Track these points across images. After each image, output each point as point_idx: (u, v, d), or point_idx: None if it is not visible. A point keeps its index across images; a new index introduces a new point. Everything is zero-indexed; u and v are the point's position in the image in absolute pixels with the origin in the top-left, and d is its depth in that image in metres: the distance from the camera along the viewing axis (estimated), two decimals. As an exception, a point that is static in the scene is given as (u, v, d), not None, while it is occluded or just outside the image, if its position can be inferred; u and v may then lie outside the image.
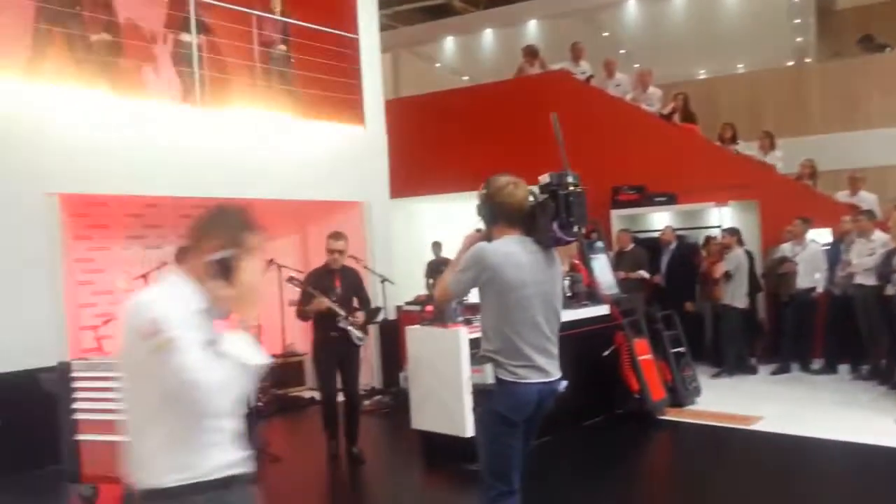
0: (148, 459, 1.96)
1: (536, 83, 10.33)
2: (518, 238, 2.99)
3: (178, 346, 1.87)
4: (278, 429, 6.84)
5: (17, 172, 5.62)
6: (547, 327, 2.99)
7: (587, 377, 6.31)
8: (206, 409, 1.94)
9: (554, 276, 3.04)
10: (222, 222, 2.10)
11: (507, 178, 3.06)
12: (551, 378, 3.02)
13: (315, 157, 7.71)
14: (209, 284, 2.02)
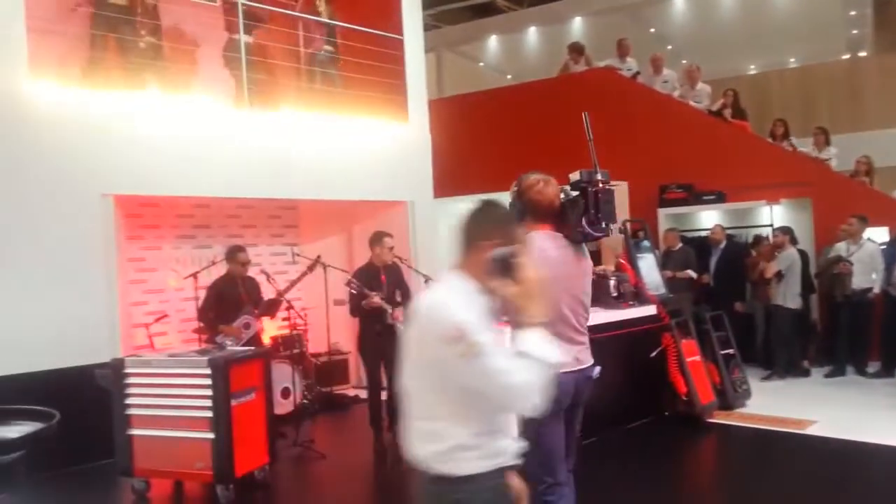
0: (452, 452, 2.01)
1: (581, 81, 10.24)
2: (548, 234, 3.05)
3: (485, 351, 1.87)
4: (323, 426, 6.92)
5: (75, 174, 5.81)
6: (575, 319, 3.07)
7: (633, 378, 6.25)
8: (516, 409, 1.99)
9: (582, 270, 3.11)
10: (494, 219, 2.10)
11: (537, 176, 3.12)
12: (584, 366, 3.12)
13: (360, 157, 7.77)
14: (492, 284, 2.00)
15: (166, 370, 4.82)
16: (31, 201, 5.59)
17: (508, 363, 1.89)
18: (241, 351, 5.24)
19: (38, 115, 5.66)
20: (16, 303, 5.46)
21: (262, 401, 5.05)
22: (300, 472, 5.61)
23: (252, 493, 4.96)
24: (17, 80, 5.57)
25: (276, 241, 8.46)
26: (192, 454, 4.70)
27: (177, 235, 7.61)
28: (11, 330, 5.40)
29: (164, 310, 7.14)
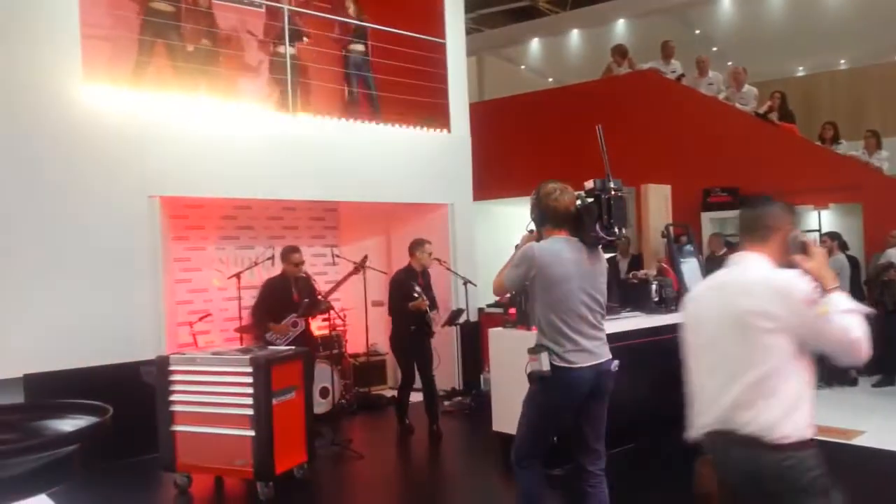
0: (781, 415, 2.28)
1: (625, 83, 10.13)
2: (564, 238, 3.33)
3: (832, 311, 2.22)
4: (361, 426, 6.97)
5: (124, 176, 5.97)
6: (591, 317, 3.33)
7: (675, 384, 6.13)
8: (857, 360, 2.27)
9: (597, 271, 3.35)
10: (783, 210, 2.50)
11: (554, 185, 3.40)
12: (601, 360, 3.35)
13: (401, 159, 7.82)
14: (791, 259, 2.38)
15: (210, 368, 4.91)
16: (83, 202, 5.76)
17: (850, 320, 2.21)
18: (283, 350, 5.31)
19: (90, 119, 5.83)
20: (67, 300, 5.63)
21: (302, 400, 5.11)
22: (338, 471, 5.66)
23: (291, 491, 5.01)
24: (71, 85, 5.75)
25: (317, 242, 8.56)
26: (233, 451, 4.78)
27: (220, 236, 7.75)
28: (62, 327, 5.56)
29: (208, 309, 7.28)
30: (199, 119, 6.42)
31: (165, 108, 6.25)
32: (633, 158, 9.43)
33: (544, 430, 3.40)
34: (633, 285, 6.53)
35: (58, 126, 5.69)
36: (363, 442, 6.20)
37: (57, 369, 5.45)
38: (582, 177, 10.40)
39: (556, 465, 5.14)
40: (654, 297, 6.32)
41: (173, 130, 6.24)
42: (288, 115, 6.99)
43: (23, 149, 5.55)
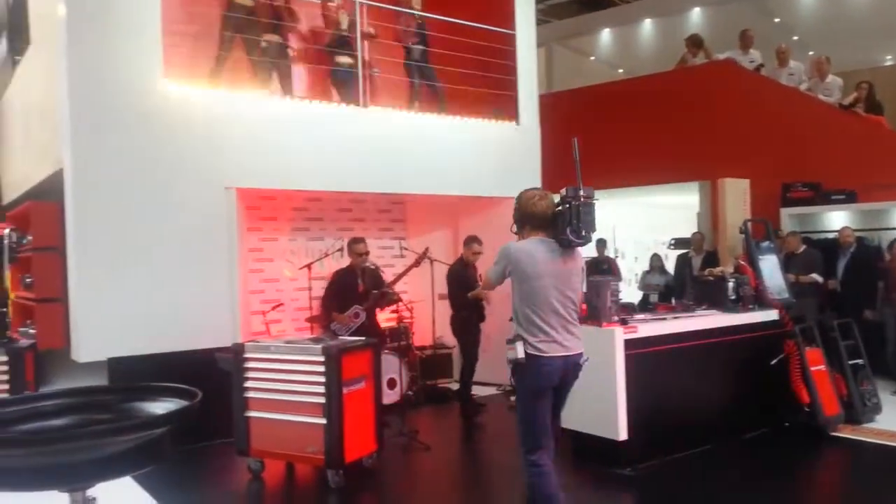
0: None
1: (700, 74, 9.82)
2: (540, 239, 3.64)
3: None
4: (427, 418, 6.99)
5: (202, 168, 6.14)
6: (564, 311, 3.58)
7: (751, 385, 5.95)
8: None
9: (571, 270, 3.62)
10: None
11: (534, 192, 3.78)
12: (571, 352, 3.59)
13: (469, 153, 7.79)
14: None
15: (283, 356, 5.01)
16: (163, 194, 5.95)
17: None
18: (353, 340, 5.37)
19: (171, 113, 6.02)
20: (149, 288, 5.83)
21: (372, 390, 5.16)
22: (406, 461, 5.69)
23: (360, 480, 5.07)
24: (153, 79, 5.94)
25: (385, 234, 8.62)
26: (304, 438, 4.86)
27: (292, 227, 7.89)
28: (144, 313, 5.77)
29: (280, 298, 7.43)
30: (273, 113, 6.54)
31: (242, 102, 6.39)
32: (710, 152, 9.15)
33: (533, 414, 3.63)
34: (708, 282, 6.34)
35: (141, 120, 5.89)
36: (429, 434, 6.21)
37: (138, 354, 5.66)
38: (654, 170, 10.28)
39: (627, 464, 5.06)
40: (730, 294, 6.11)
41: (249, 124, 6.38)
42: (358, 108, 7.04)
43: (109, 142, 5.77)
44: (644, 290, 9.73)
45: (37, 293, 6.40)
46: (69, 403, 2.16)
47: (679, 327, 5.56)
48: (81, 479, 1.86)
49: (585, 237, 3.50)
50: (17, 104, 9.10)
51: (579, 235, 3.49)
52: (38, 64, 7.62)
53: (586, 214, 3.50)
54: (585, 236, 3.50)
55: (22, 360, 5.29)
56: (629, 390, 5.08)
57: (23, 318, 7.15)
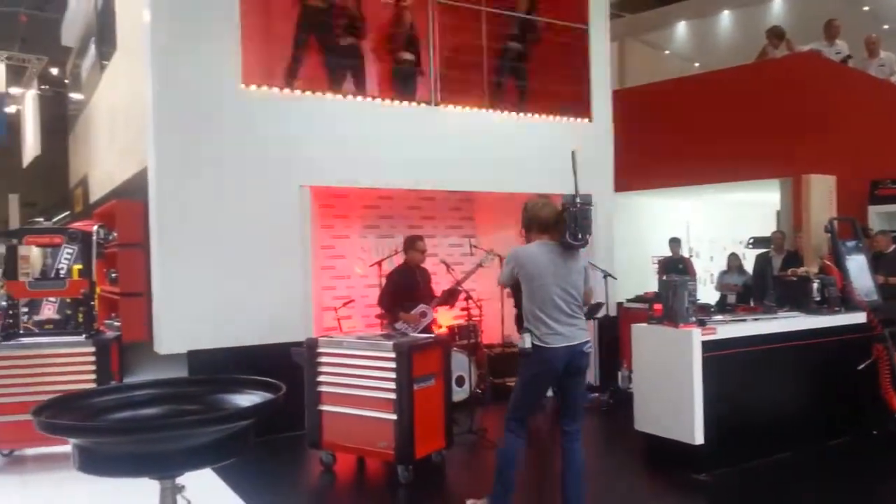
0: None
1: (782, 67, 9.42)
2: (544, 242, 4.02)
3: None
4: (496, 417, 6.94)
5: (277, 167, 6.28)
6: (565, 306, 3.93)
7: (836, 390, 5.69)
8: None
9: (572, 269, 3.97)
10: None
11: (539, 200, 4.20)
12: (575, 342, 3.94)
13: (541, 150, 7.70)
14: None
15: (355, 352, 5.07)
16: (241, 192, 6.12)
17: None
18: (423, 338, 5.39)
19: (248, 113, 6.19)
20: (226, 284, 6.01)
21: (442, 387, 5.17)
22: (474, 459, 5.68)
23: (429, 476, 5.09)
24: (232, 81, 6.12)
25: (454, 232, 8.63)
26: (375, 433, 4.92)
27: (363, 225, 8.00)
28: (221, 309, 5.96)
29: (350, 295, 7.54)
30: (345, 112, 6.63)
31: (316, 103, 6.51)
32: (792, 148, 8.78)
33: (529, 396, 4.12)
34: (791, 283, 6.09)
35: (220, 120, 6.07)
36: (497, 432, 6.15)
37: (216, 347, 5.84)
38: (731, 167, 9.92)
39: (702, 469, 4.91)
40: (815, 296, 5.86)
41: (322, 123, 6.49)
42: (430, 106, 7.07)
43: (190, 142, 5.97)
44: (721, 290, 9.44)
45: (121, 287, 6.70)
46: (159, 394, 2.25)
47: (760, 329, 5.36)
48: (172, 468, 1.93)
49: (582, 240, 3.87)
50: (103, 107, 9.54)
51: (576, 238, 3.85)
52: (124, 68, 7.96)
53: (583, 219, 3.86)
54: (582, 239, 3.87)
55: (108, 352, 5.51)
56: (706, 393, 4.93)
57: (108, 312, 7.50)
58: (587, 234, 3.87)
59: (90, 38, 10.82)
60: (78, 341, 5.53)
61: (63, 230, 6.75)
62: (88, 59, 11.13)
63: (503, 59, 7.89)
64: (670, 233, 9.95)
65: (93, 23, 10.49)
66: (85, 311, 5.80)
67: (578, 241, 3.86)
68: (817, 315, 5.77)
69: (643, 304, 7.84)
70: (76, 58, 13.07)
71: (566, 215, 3.85)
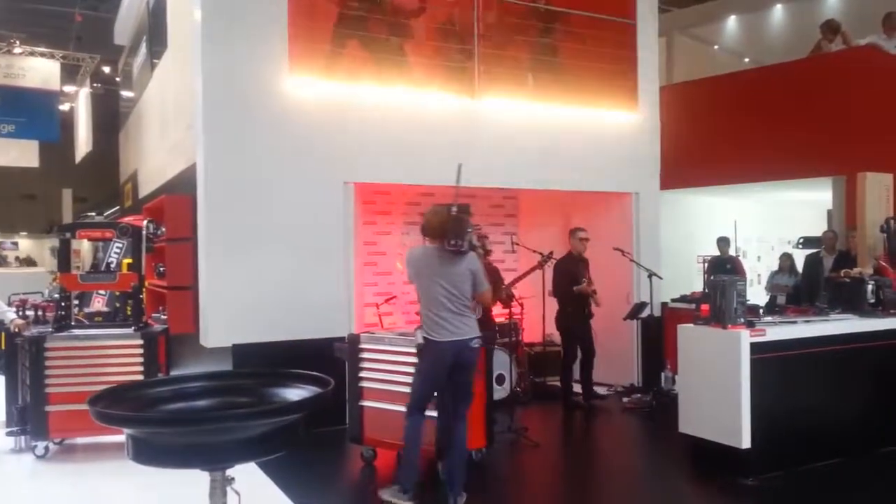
0: None
1: (836, 62, 9.13)
2: (432, 246, 4.41)
3: None
4: (536, 415, 6.92)
5: (322, 162, 6.34)
6: (450, 304, 4.31)
7: (890, 396, 5.51)
8: None
9: (454, 271, 4.31)
10: None
11: (433, 208, 4.54)
12: (461, 337, 4.31)
13: (586, 146, 7.63)
14: None
15: (396, 348, 5.08)
16: (287, 189, 6.19)
17: None
18: (465, 335, 5.36)
19: (295, 110, 6.25)
20: (270, 279, 6.09)
21: (483, 385, 5.15)
22: (515, 458, 5.65)
23: (469, 474, 5.07)
24: (279, 78, 6.19)
25: (496, 230, 8.59)
26: (416, 430, 4.90)
27: (405, 222, 8.01)
28: (266, 303, 6.04)
29: (391, 291, 7.56)
30: (391, 108, 6.65)
31: (360, 98, 6.54)
32: (846, 145, 8.50)
33: (426, 387, 4.44)
34: (844, 285, 5.91)
35: (267, 117, 6.16)
36: (537, 431, 6.14)
37: (260, 341, 5.92)
38: (782, 165, 9.65)
39: (749, 474, 4.80)
40: (869, 298, 5.67)
41: (368, 119, 6.52)
42: (473, 99, 7.03)
43: (238, 139, 6.07)
44: (771, 291, 9.21)
45: (169, 281, 6.83)
46: (210, 386, 2.29)
47: (811, 332, 5.21)
48: (223, 460, 1.96)
49: (455, 246, 4.19)
50: (154, 104, 9.76)
51: (450, 244, 4.21)
52: (174, 66, 8.12)
53: (457, 227, 4.20)
54: (456, 244, 4.19)
55: (156, 344, 5.63)
56: (754, 396, 4.82)
57: (156, 305, 7.66)
58: (461, 240, 4.19)
59: (142, 36, 11.08)
60: (127, 333, 5.66)
61: (114, 225, 6.91)
62: (140, 58, 11.40)
63: (542, 55, 7.78)
64: (717, 232, 9.73)
65: (144, 22, 10.74)
66: (134, 304, 5.94)
67: (451, 247, 4.21)
68: (871, 318, 5.59)
69: (689, 304, 7.70)
70: (128, 56, 13.40)
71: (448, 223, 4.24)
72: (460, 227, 4.21)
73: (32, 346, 5.41)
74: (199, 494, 2.44)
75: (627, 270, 7.67)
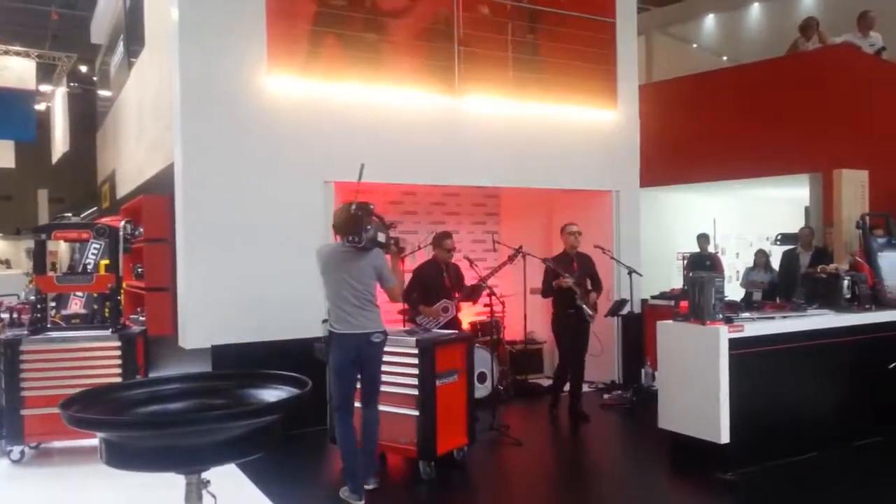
0: None
1: (813, 60, 9.24)
2: (339, 242, 4.53)
3: None
4: (518, 414, 6.94)
5: (303, 161, 6.30)
6: (353, 298, 4.46)
7: (866, 391, 5.58)
8: None
9: (357, 266, 4.48)
10: None
11: (341, 206, 4.56)
12: (362, 330, 4.47)
13: (566, 145, 7.66)
14: None
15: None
16: (267, 188, 6.15)
17: None
18: (446, 334, 5.38)
19: (274, 110, 6.22)
20: (250, 279, 6.05)
21: (464, 383, 5.16)
22: (496, 456, 5.66)
23: (451, 472, 5.08)
24: (258, 78, 6.15)
25: (478, 228, 8.61)
26: (397, 429, 4.92)
27: (386, 221, 7.96)
28: (245, 304, 5.99)
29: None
30: (371, 107, 6.63)
31: (341, 96, 6.51)
32: (823, 143, 8.62)
33: (341, 383, 4.52)
34: (821, 280, 5.98)
35: (246, 117, 6.12)
36: (520, 429, 6.16)
37: (240, 342, 5.88)
38: (760, 162, 9.74)
39: (728, 468, 4.85)
40: (845, 293, 5.75)
41: (348, 118, 6.49)
42: (454, 98, 7.03)
43: (217, 138, 6.02)
44: (746, 287, 9.30)
45: (147, 282, 6.77)
46: (186, 388, 2.26)
47: (789, 327, 5.27)
48: (199, 462, 1.94)
49: (354, 241, 4.34)
50: (131, 104, 9.65)
51: (349, 241, 4.36)
52: (152, 65, 8.03)
53: (350, 225, 4.34)
54: (353, 241, 4.34)
55: (133, 346, 5.57)
56: (733, 392, 4.86)
57: (134, 306, 7.58)
58: (357, 237, 4.32)
59: (119, 35, 10.95)
60: (104, 335, 5.60)
61: (91, 225, 6.83)
62: (117, 57, 11.27)
63: (523, 53, 7.82)
64: (696, 229, 9.82)
65: (121, 20, 10.62)
66: (111, 306, 5.87)
67: (350, 244, 4.37)
68: (847, 313, 5.67)
69: (668, 300, 7.76)
70: (105, 55, 13.24)
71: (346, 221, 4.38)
72: (357, 225, 4.33)
73: (7, 350, 5.34)
74: (175, 497, 2.42)
75: (608, 268, 7.70)
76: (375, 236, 4.41)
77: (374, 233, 4.40)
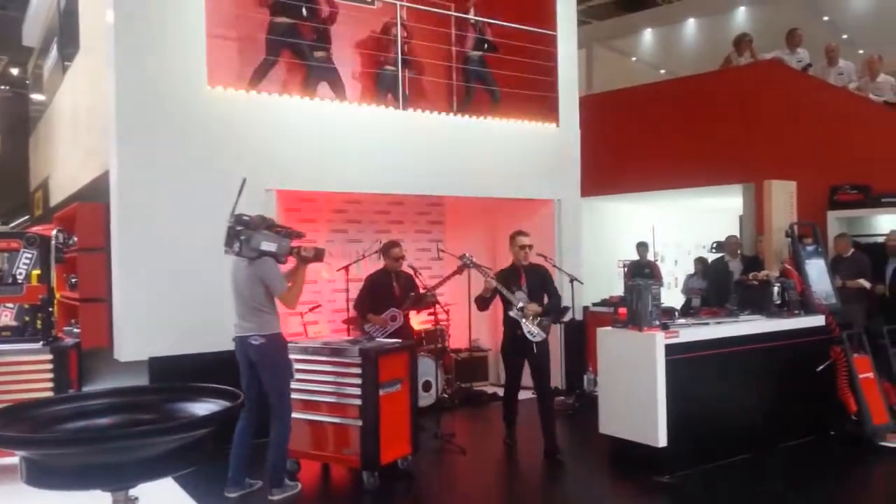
0: None
1: (745, 74, 9.60)
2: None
3: None
4: (462, 421, 6.96)
5: (242, 170, 6.16)
6: (240, 305, 4.75)
7: (796, 393, 5.80)
8: None
9: (247, 275, 4.68)
10: None
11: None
12: (244, 334, 4.72)
13: (508, 155, 7.75)
14: None
15: (320, 357, 5.03)
16: (205, 196, 6.00)
17: None
18: (390, 343, 5.37)
19: (213, 117, 6.11)
20: (188, 289, 5.91)
21: (408, 392, 5.15)
22: (441, 464, 5.67)
23: (395, 482, 5.07)
24: (197, 84, 6.04)
25: (422, 237, 8.62)
26: (340, 440, 4.89)
27: (331, 229, 7.94)
28: (183, 314, 5.86)
29: (317, 300, 7.47)
30: (315, 115, 6.59)
31: (282, 106, 6.46)
32: (755, 154, 8.95)
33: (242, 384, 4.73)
34: (752, 287, 6.19)
35: (184, 123, 5.99)
36: (465, 437, 6.19)
37: (178, 354, 5.75)
38: (696, 172, 10.05)
39: (666, 471, 4.96)
40: (775, 299, 5.97)
41: (289, 127, 6.44)
42: (398, 111, 7.06)
43: (153, 145, 5.87)
44: (687, 294, 9.57)
45: (81, 293, 6.55)
46: (114, 403, 2.20)
47: (722, 332, 5.44)
48: (126, 479, 1.88)
49: (229, 251, 4.59)
50: (66, 109, 9.36)
51: (225, 251, 4.62)
52: (87, 69, 7.81)
53: (229, 235, 4.57)
54: (227, 251, 4.60)
55: (66, 359, 5.39)
56: (670, 396, 4.99)
57: (68, 318, 7.32)
58: (228, 248, 4.58)
59: (52, 38, 10.62)
60: (35, 348, 5.41)
61: (21, 234, 6.59)
62: (50, 60, 10.92)
63: (468, 65, 7.94)
64: (637, 237, 10.06)
65: (55, 23, 10.29)
66: (43, 318, 5.67)
67: (226, 252, 4.60)
68: (777, 318, 5.89)
69: (609, 307, 7.91)
70: (38, 58, 12.81)
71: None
72: (228, 236, 4.57)
73: (-69, 364, 5.10)
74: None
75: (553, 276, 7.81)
76: (258, 246, 4.52)
77: (258, 242, 4.51)
